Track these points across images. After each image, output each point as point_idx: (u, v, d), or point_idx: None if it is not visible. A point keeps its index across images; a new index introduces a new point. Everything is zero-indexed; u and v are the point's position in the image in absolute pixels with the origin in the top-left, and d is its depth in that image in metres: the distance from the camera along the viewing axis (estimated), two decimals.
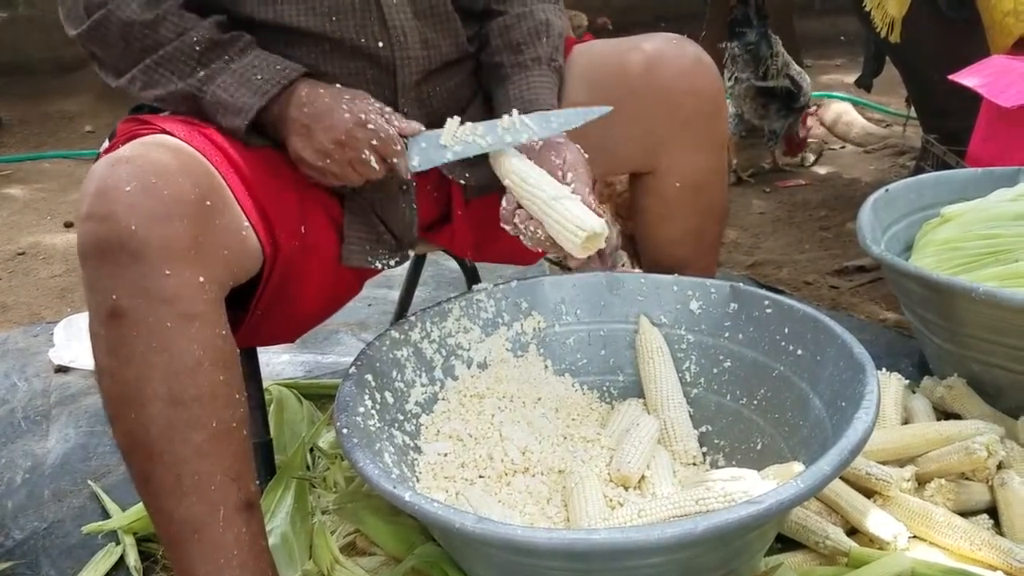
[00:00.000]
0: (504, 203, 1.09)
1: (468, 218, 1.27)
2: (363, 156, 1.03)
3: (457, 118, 1.10)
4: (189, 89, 1.03)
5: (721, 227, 1.43)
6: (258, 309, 1.07)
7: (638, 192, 1.37)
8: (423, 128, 1.09)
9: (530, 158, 1.11)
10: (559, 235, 1.02)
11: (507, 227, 1.09)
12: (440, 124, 1.10)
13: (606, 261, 1.16)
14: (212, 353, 0.90)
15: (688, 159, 1.28)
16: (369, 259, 1.19)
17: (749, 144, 3.18)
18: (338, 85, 1.06)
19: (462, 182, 1.22)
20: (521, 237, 1.07)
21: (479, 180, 1.21)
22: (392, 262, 1.21)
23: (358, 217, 1.17)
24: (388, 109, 1.07)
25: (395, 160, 1.05)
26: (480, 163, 1.15)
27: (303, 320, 1.19)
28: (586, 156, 1.12)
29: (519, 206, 1.07)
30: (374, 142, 1.03)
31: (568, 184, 1.07)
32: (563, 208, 1.02)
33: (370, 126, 1.03)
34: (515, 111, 1.10)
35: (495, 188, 1.14)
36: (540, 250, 1.08)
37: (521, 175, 1.07)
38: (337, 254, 1.16)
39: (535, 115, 1.10)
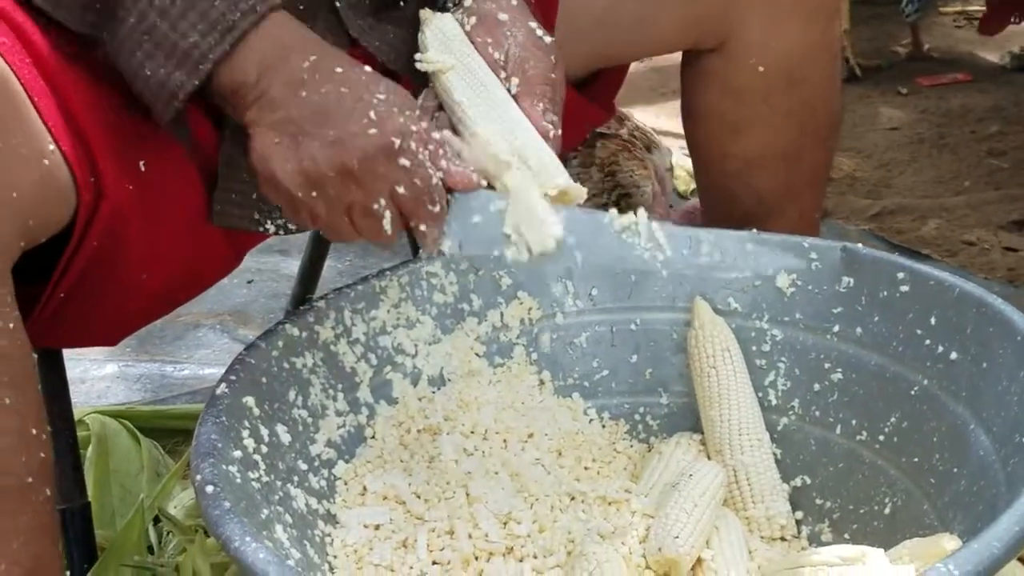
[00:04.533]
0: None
1: None
2: (374, 206, 0.98)
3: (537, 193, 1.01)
4: None
5: (829, 148, 1.44)
6: (63, 288, 1.06)
7: (694, 86, 1.38)
8: (483, 183, 1.02)
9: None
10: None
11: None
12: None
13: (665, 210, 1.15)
14: None
15: (777, 27, 1.29)
16: (257, 217, 1.17)
17: (872, 15, 3.19)
18: (364, 67, 1.01)
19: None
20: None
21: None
22: (293, 224, 1.20)
23: (241, 150, 1.16)
24: (436, 137, 1.01)
25: (422, 227, 1.00)
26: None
27: (138, 308, 1.19)
28: (548, 39, 1.09)
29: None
30: (400, 188, 0.98)
31: (513, 96, 1.05)
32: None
33: (403, 161, 0.97)
34: (642, 211, 1.03)
35: None
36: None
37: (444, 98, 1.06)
38: (202, 205, 1.16)
39: (674, 228, 1.04)
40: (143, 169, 1.08)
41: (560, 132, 1.04)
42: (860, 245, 1.25)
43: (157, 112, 1.01)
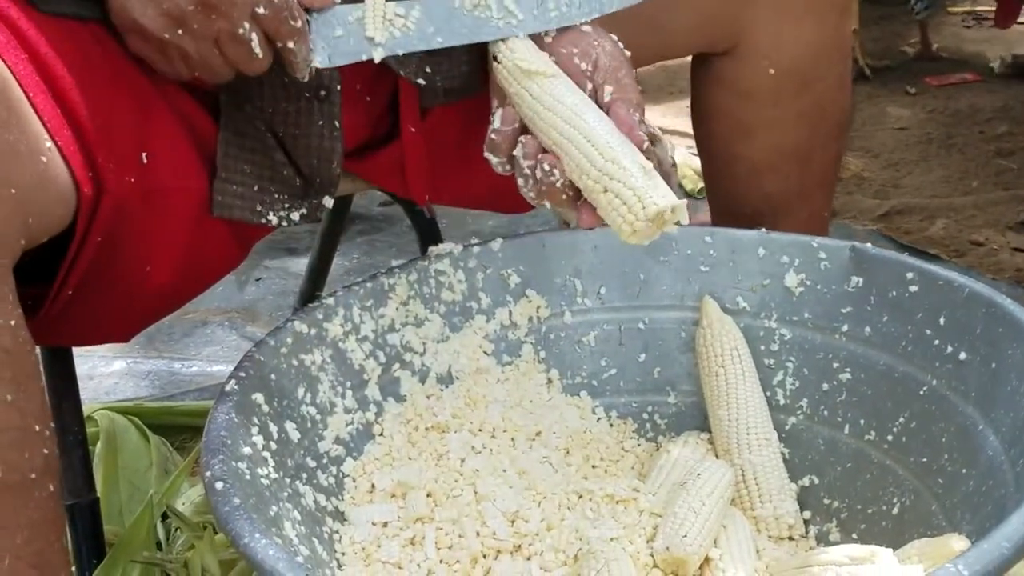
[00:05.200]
0: (497, 122, 1.08)
1: (425, 138, 1.26)
2: (239, 31, 1.03)
3: None
4: None
5: (839, 148, 1.44)
6: (70, 285, 1.07)
7: (704, 88, 1.38)
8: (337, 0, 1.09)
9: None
10: (606, 211, 1.02)
11: (494, 160, 1.09)
12: None
13: None
14: None
15: (787, 29, 1.29)
16: (259, 208, 1.18)
17: (881, 15, 3.19)
18: None
19: (421, 82, 1.21)
20: (520, 180, 1.07)
21: (448, 77, 1.20)
22: (296, 215, 1.21)
23: (242, 139, 1.17)
24: None
25: (290, 44, 1.05)
26: (451, 50, 1.15)
27: (146, 305, 1.19)
28: (628, 53, 1.11)
29: (523, 129, 1.07)
30: (260, 9, 1.03)
31: (604, 105, 1.06)
32: (621, 172, 1.01)
33: None
34: None
35: (473, 91, 1.14)
36: (546, 203, 1.08)
37: (548, 101, 1.05)
38: (205, 199, 1.16)
39: None
40: (145, 162, 1.09)
41: (649, 144, 1.05)
42: (869, 245, 1.25)
43: None
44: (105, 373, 1.87)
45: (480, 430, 1.22)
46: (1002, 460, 1.05)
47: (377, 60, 1.10)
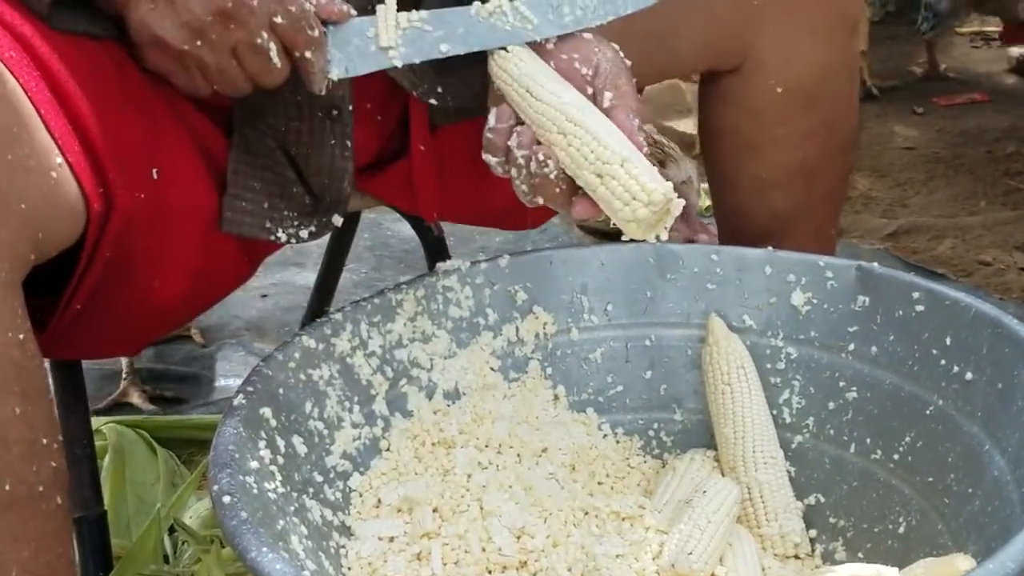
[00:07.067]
0: (493, 120, 1.09)
1: (434, 155, 1.27)
2: (257, 41, 1.04)
3: (394, 1, 1.10)
4: None
5: (846, 167, 1.44)
6: (78, 300, 1.07)
7: (711, 106, 1.38)
8: (353, 12, 1.09)
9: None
10: (608, 200, 1.03)
11: (492, 160, 1.09)
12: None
13: (692, 225, 1.17)
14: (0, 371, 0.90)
15: (795, 48, 1.30)
16: (268, 225, 1.19)
17: (889, 35, 3.19)
18: None
19: (433, 101, 1.22)
20: (514, 171, 1.08)
21: (458, 95, 1.21)
22: (305, 232, 1.21)
23: (253, 157, 1.18)
24: None
25: (307, 54, 1.06)
26: (460, 66, 1.16)
27: (154, 318, 1.20)
28: (628, 62, 1.12)
29: (518, 121, 1.08)
30: (278, 18, 1.04)
31: (604, 110, 1.07)
32: (622, 160, 1.02)
33: None
34: None
35: (483, 110, 1.13)
36: (539, 199, 1.08)
37: (546, 96, 1.06)
38: (214, 215, 1.17)
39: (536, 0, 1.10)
40: (156, 177, 1.09)
41: (647, 149, 1.05)
42: (876, 264, 1.25)
43: (33, 8, 1.02)
44: (114, 386, 1.87)
45: (486, 446, 1.22)
46: (1008, 480, 1.05)
47: (396, 67, 1.10)
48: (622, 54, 1.12)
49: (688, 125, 2.78)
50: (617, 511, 1.18)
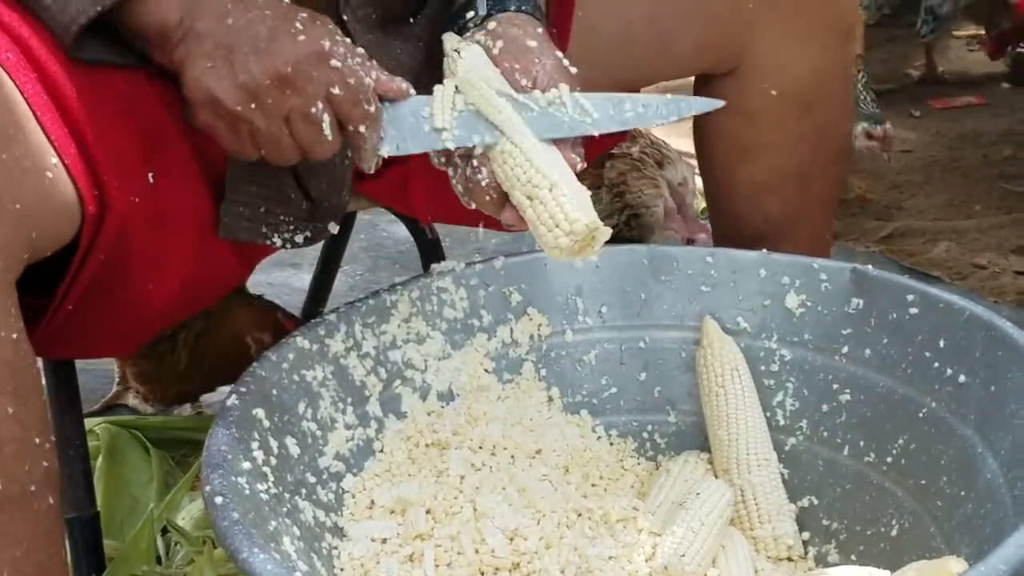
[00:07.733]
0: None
1: (429, 158, 1.27)
2: (311, 110, 1.02)
3: (452, 84, 1.08)
4: None
5: (840, 170, 1.44)
6: (70, 300, 1.07)
7: None
8: (412, 91, 1.08)
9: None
10: (533, 224, 1.03)
11: (431, 152, 1.09)
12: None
13: (691, 224, 1.18)
14: None
15: (790, 52, 1.30)
16: (264, 231, 1.19)
17: (886, 37, 3.19)
18: None
19: None
20: (450, 170, 1.07)
21: None
22: (301, 237, 1.21)
23: (251, 162, 1.17)
24: (361, 51, 1.06)
25: (362, 128, 1.04)
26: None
27: (148, 320, 1.20)
28: (574, 70, 1.11)
29: None
30: (336, 90, 1.02)
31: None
32: (550, 188, 1.02)
33: (334, 62, 1.02)
34: (563, 87, 1.07)
35: None
36: (471, 203, 1.08)
37: (488, 112, 1.06)
38: (210, 217, 1.17)
39: (598, 95, 1.08)
40: (151, 181, 1.09)
41: (586, 164, 1.05)
42: (870, 267, 1.25)
43: (58, 38, 1.01)
44: (108, 386, 1.87)
45: (480, 447, 1.22)
46: (1000, 483, 1.05)
47: (448, 148, 1.08)
48: (565, 62, 1.11)
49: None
50: (610, 513, 1.18)
